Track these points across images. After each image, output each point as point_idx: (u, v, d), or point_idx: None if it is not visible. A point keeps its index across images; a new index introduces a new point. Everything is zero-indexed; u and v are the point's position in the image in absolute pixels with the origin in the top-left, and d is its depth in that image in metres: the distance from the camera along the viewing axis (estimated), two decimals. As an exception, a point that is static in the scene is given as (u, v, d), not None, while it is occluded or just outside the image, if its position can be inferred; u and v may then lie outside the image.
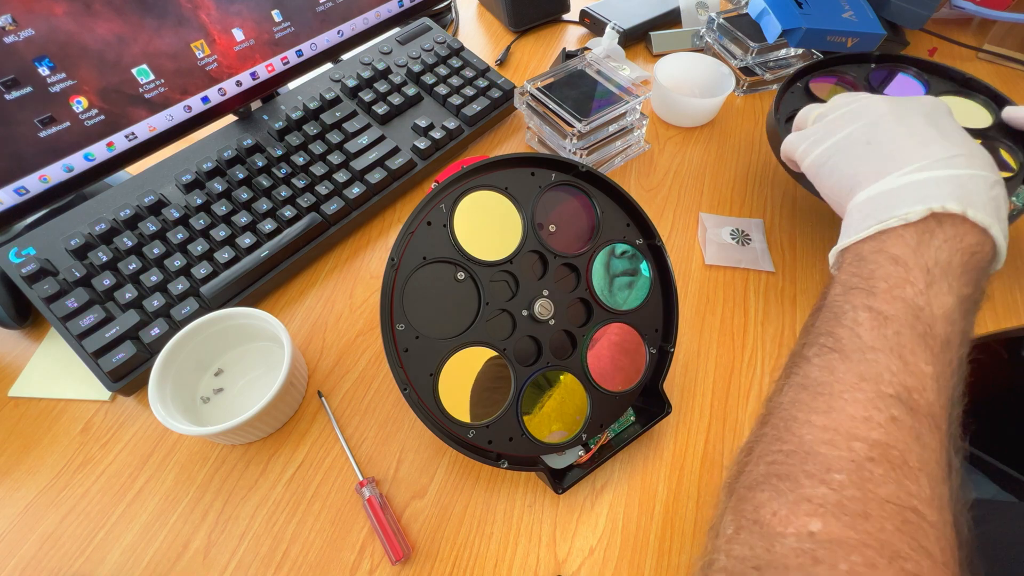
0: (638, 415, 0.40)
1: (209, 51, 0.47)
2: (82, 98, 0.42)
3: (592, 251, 0.38)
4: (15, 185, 0.41)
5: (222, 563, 0.35)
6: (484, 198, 0.37)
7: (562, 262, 0.38)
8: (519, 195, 0.37)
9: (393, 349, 0.33)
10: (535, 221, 0.37)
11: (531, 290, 0.37)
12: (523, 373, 0.36)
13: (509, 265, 0.36)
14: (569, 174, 0.39)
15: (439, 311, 0.35)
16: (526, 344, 0.36)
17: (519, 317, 0.36)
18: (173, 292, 0.43)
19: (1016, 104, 0.47)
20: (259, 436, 0.40)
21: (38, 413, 0.42)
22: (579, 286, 0.38)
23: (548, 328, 0.37)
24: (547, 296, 0.37)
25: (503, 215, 0.37)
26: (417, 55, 0.61)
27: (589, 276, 0.38)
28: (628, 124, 0.55)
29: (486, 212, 0.37)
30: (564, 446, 0.36)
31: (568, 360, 0.37)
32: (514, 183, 0.37)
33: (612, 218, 0.39)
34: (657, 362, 0.39)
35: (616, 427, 0.39)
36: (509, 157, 0.37)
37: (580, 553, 0.35)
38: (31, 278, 0.41)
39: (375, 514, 0.35)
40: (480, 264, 0.36)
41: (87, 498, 0.38)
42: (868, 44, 0.61)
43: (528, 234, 0.37)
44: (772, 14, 0.59)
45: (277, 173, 0.50)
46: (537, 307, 0.36)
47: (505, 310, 0.36)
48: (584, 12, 0.75)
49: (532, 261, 0.38)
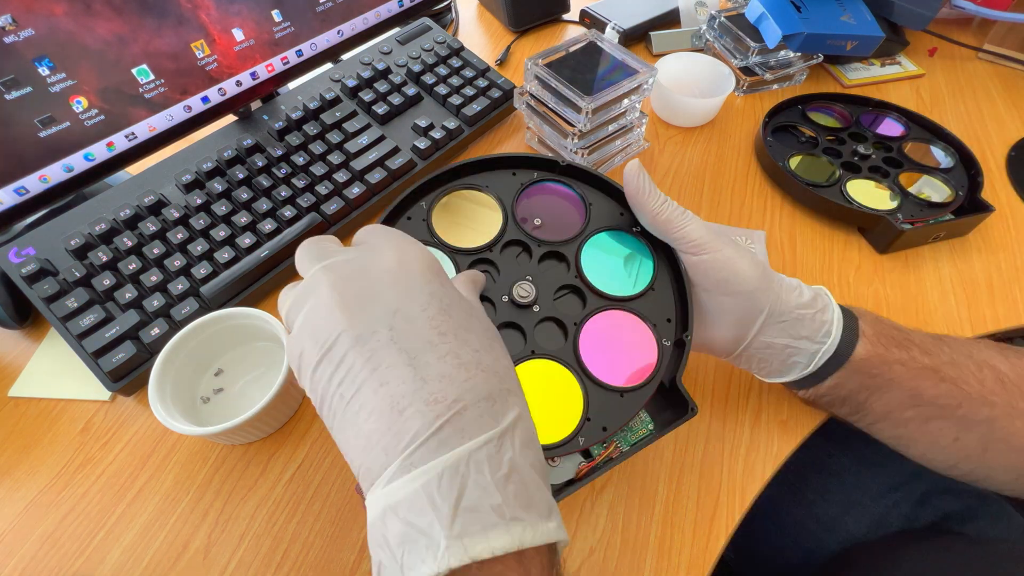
0: (655, 422, 0.34)
1: (209, 51, 0.47)
2: (82, 98, 0.42)
3: (581, 238, 0.36)
4: (15, 185, 0.41)
5: (222, 563, 0.35)
6: (465, 196, 0.36)
7: (547, 250, 0.35)
8: (501, 192, 0.36)
9: None
10: (517, 215, 0.36)
11: (513, 277, 0.34)
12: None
13: (489, 253, 0.35)
14: (553, 172, 0.37)
15: None
16: (507, 334, 0.33)
17: (499, 303, 0.33)
18: (173, 292, 0.43)
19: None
20: (259, 436, 0.39)
21: (38, 413, 0.42)
22: (568, 272, 0.35)
23: (532, 315, 0.33)
24: (529, 280, 0.34)
25: (485, 212, 0.36)
26: (417, 55, 0.61)
27: (579, 262, 0.35)
28: (628, 123, 0.55)
29: (467, 209, 0.36)
30: (557, 447, 0.30)
31: (559, 350, 0.32)
32: (495, 182, 0.37)
33: (603, 207, 0.37)
34: (672, 356, 0.33)
35: (631, 436, 0.34)
36: (489, 158, 0.37)
37: (580, 553, 0.35)
38: (31, 278, 0.41)
39: (375, 514, 0.35)
40: (459, 252, 0.34)
41: (87, 498, 0.38)
42: (867, 47, 0.61)
43: (509, 226, 0.36)
44: (771, 19, 0.59)
45: (277, 173, 0.50)
46: (516, 289, 0.33)
47: (486, 298, 0.33)
48: (584, 12, 0.75)
49: (515, 252, 0.36)
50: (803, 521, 0.47)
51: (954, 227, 0.50)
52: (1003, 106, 0.65)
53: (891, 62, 0.69)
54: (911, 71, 0.68)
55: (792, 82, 0.67)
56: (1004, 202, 0.55)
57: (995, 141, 0.60)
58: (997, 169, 0.58)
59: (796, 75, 0.66)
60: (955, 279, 0.49)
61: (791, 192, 0.54)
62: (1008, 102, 0.65)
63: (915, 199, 0.51)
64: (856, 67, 0.68)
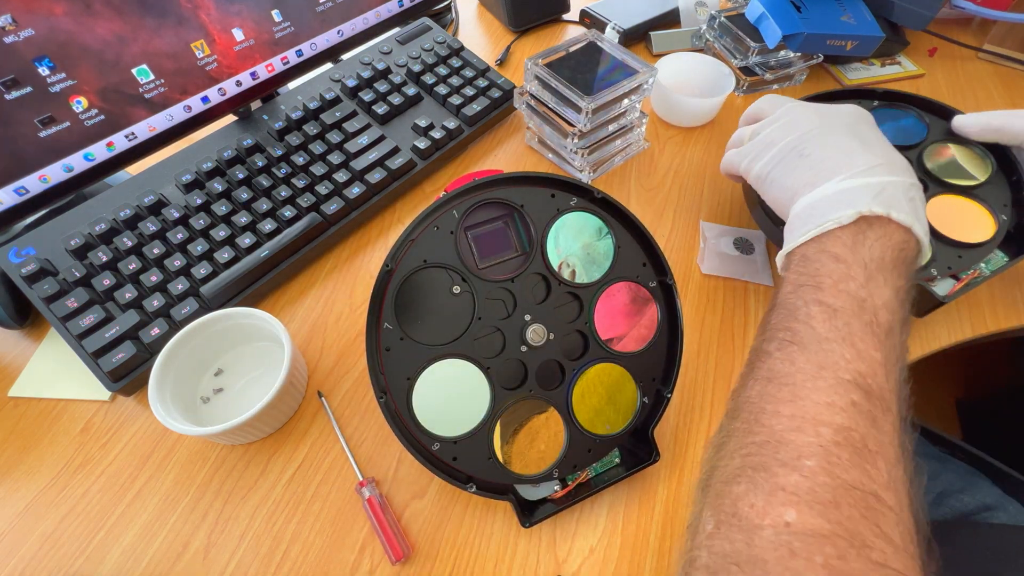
0: (623, 457, 0.37)
1: (209, 51, 0.47)
2: (82, 98, 0.42)
3: (600, 285, 0.37)
4: (15, 185, 0.41)
5: (222, 563, 0.35)
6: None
7: (567, 290, 0.36)
8: (534, 215, 0.36)
9: (375, 345, 0.33)
10: (545, 244, 0.36)
11: (528, 313, 0.35)
12: (502, 396, 0.34)
13: (510, 284, 0.35)
14: (586, 199, 0.37)
15: (429, 317, 0.34)
16: (512, 367, 0.35)
17: (510, 338, 0.35)
18: (173, 292, 0.43)
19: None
20: (259, 436, 0.40)
21: (38, 413, 0.42)
22: (579, 318, 0.36)
23: (538, 355, 0.35)
24: (543, 323, 0.35)
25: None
26: (417, 55, 0.61)
27: (593, 311, 0.37)
28: (628, 123, 0.55)
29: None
30: (535, 479, 0.34)
31: (553, 392, 0.35)
32: (531, 202, 0.36)
33: (629, 254, 0.38)
34: (650, 409, 0.37)
35: (598, 467, 0.37)
36: (529, 175, 0.36)
37: (580, 553, 0.35)
38: (31, 278, 0.41)
39: (375, 514, 0.35)
40: (480, 278, 0.35)
41: (87, 498, 0.38)
42: (867, 47, 0.61)
43: (535, 255, 0.36)
44: (771, 19, 0.59)
45: (277, 173, 0.50)
46: (530, 332, 0.35)
47: (497, 329, 0.35)
48: (584, 12, 0.75)
49: (534, 283, 0.36)
50: None
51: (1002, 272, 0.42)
52: (1003, 106, 0.65)
53: (891, 62, 0.69)
54: (911, 71, 0.68)
55: (792, 82, 0.67)
56: (1004, 202, 0.55)
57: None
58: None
59: (796, 75, 0.66)
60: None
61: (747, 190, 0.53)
62: (1008, 102, 0.65)
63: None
64: (856, 67, 0.68)
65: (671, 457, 0.39)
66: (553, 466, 0.34)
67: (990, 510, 0.44)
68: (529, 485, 0.35)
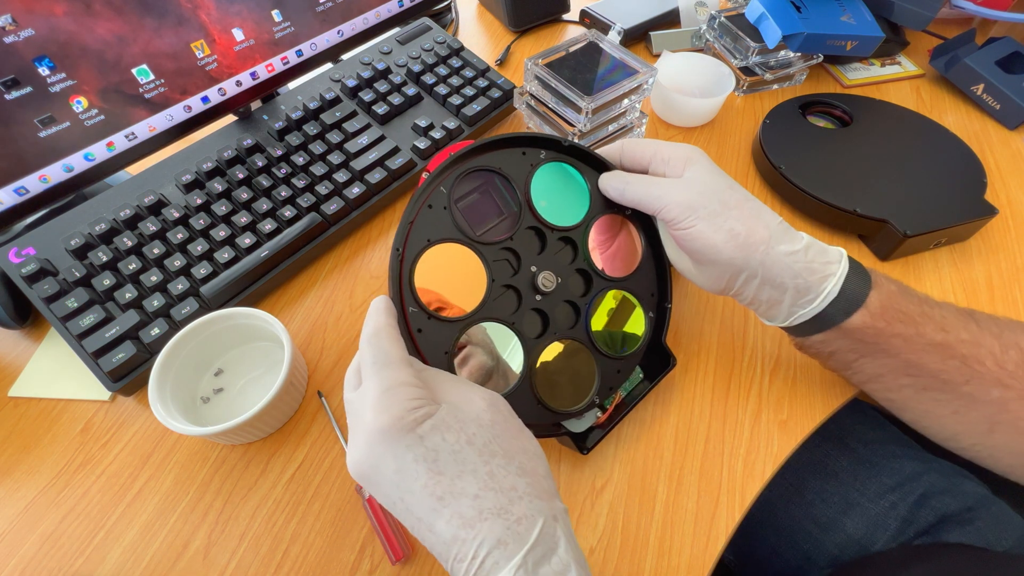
0: (645, 372, 0.41)
1: (209, 51, 0.47)
2: (82, 98, 0.42)
3: (587, 223, 0.39)
4: (15, 185, 0.41)
5: (222, 563, 0.35)
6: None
7: (559, 236, 0.38)
8: (513, 175, 0.38)
9: (407, 331, 0.34)
10: (530, 199, 0.38)
11: (533, 264, 0.37)
12: (532, 345, 0.36)
13: (510, 242, 0.37)
14: (555, 150, 0.40)
15: (448, 291, 0.35)
16: (532, 318, 0.37)
17: (524, 291, 0.37)
18: (173, 292, 0.43)
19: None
20: (259, 436, 0.40)
21: (38, 413, 0.42)
22: (577, 258, 0.39)
23: (552, 300, 0.37)
24: (550, 269, 0.37)
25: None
26: (417, 55, 0.61)
27: (587, 248, 0.39)
28: (628, 123, 0.55)
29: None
30: (580, 411, 0.37)
31: (574, 329, 0.38)
32: (506, 163, 0.38)
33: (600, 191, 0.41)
34: (656, 322, 0.41)
35: (627, 385, 0.40)
36: (498, 139, 0.38)
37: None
38: (31, 278, 0.41)
39: (375, 514, 0.35)
40: (482, 243, 0.36)
41: (87, 498, 0.38)
42: (867, 47, 0.61)
43: (524, 211, 0.38)
44: (771, 19, 0.59)
45: (277, 173, 0.50)
46: (541, 279, 0.37)
47: (511, 286, 0.37)
48: (584, 12, 0.75)
49: (530, 237, 0.38)
50: (800, 521, 0.47)
51: (956, 232, 0.49)
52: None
53: (891, 62, 0.69)
54: (911, 71, 0.68)
55: (792, 82, 0.67)
56: (1004, 202, 0.55)
57: (995, 141, 0.60)
58: (997, 170, 0.58)
59: (796, 75, 0.66)
60: (956, 281, 0.48)
61: (790, 197, 0.54)
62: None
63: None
64: (856, 67, 0.68)
65: (672, 456, 0.39)
66: (593, 394, 0.37)
67: (971, 511, 0.44)
68: (574, 419, 0.37)
